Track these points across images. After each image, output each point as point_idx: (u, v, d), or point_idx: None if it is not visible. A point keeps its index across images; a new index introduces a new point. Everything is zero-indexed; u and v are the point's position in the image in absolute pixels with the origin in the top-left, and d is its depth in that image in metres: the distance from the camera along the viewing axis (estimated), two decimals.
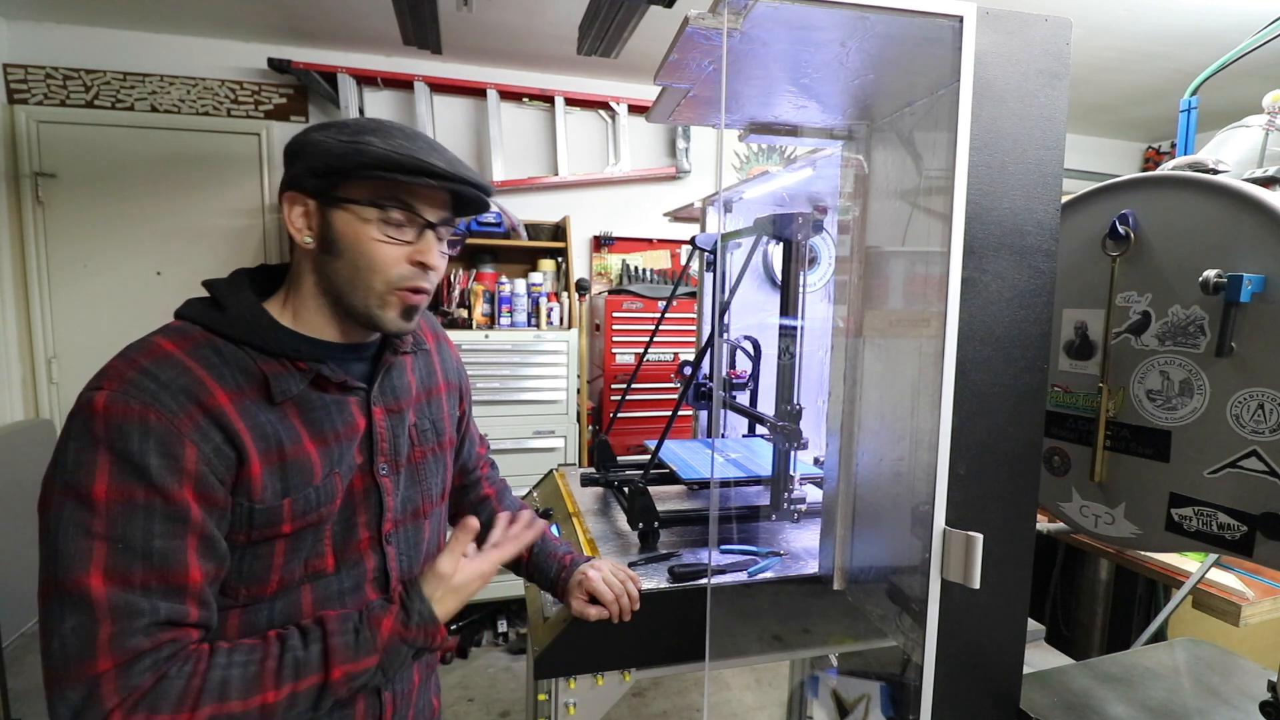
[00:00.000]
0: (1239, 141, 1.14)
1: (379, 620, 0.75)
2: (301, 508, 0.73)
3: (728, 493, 1.55)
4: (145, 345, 0.70)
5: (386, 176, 0.72)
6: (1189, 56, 2.99)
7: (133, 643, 0.62)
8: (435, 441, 0.92)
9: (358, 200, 0.73)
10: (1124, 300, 0.98)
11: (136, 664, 0.62)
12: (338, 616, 0.74)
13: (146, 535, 0.64)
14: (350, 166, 0.71)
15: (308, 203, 0.75)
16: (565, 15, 2.71)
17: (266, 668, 0.68)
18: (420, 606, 0.77)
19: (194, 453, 0.66)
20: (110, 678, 0.61)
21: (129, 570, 0.63)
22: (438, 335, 1.00)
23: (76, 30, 2.92)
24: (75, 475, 0.63)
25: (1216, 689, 1.01)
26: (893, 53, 0.82)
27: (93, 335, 3.02)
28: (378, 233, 0.74)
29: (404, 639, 0.75)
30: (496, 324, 3.03)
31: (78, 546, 0.62)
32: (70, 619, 0.61)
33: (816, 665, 1.81)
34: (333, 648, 0.71)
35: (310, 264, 0.78)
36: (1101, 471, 1.01)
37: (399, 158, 0.71)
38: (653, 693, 2.61)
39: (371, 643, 0.73)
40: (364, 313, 0.77)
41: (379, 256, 0.75)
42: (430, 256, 0.77)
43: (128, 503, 0.63)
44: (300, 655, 0.70)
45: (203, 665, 0.66)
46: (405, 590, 0.78)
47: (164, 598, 0.64)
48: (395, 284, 0.76)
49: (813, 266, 1.70)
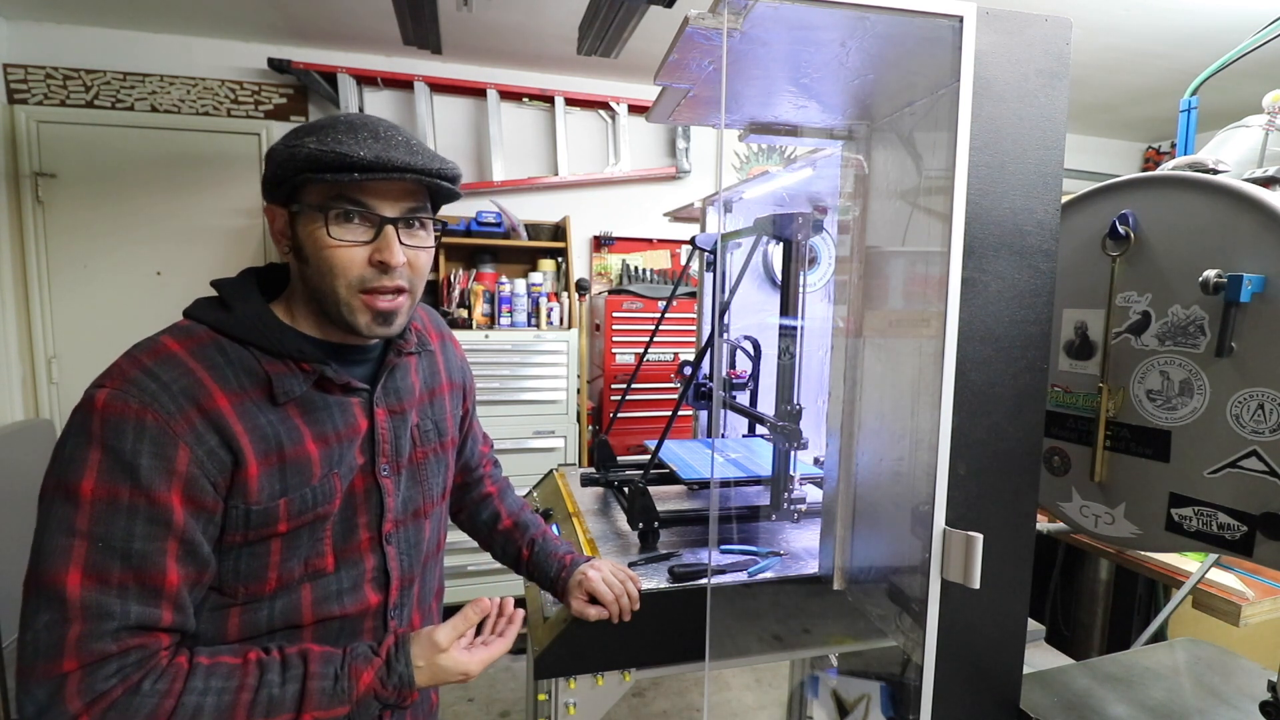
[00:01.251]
0: (1239, 141, 1.14)
1: (360, 672, 0.74)
2: (298, 507, 0.73)
3: (728, 493, 1.55)
4: (151, 344, 0.70)
5: (315, 177, 0.70)
6: (1189, 56, 2.99)
7: (99, 646, 0.62)
8: (437, 442, 0.92)
9: (310, 205, 0.73)
10: (1124, 300, 0.98)
11: (101, 669, 0.62)
12: (321, 656, 0.73)
13: (127, 536, 0.64)
14: (288, 173, 0.71)
15: (280, 212, 0.76)
16: (565, 15, 2.71)
17: (240, 700, 0.68)
18: (403, 670, 0.76)
19: (186, 455, 0.66)
20: (74, 679, 0.61)
21: (106, 569, 0.63)
22: (443, 334, 1.00)
23: (76, 30, 2.92)
24: (67, 471, 0.64)
25: (1216, 689, 1.01)
26: (893, 53, 0.82)
27: (93, 335, 3.02)
28: (330, 236, 0.72)
29: (377, 695, 0.74)
30: (496, 324, 3.03)
31: (59, 543, 0.63)
32: (44, 614, 0.62)
33: (816, 665, 1.81)
34: (309, 691, 0.70)
35: (295, 270, 0.78)
36: (1101, 471, 1.01)
37: (320, 154, 0.69)
38: (653, 693, 2.61)
39: (347, 694, 0.72)
40: (338, 318, 0.76)
41: (335, 260, 0.73)
42: (389, 254, 0.73)
43: (112, 502, 0.64)
44: (275, 694, 0.69)
45: (178, 685, 0.65)
46: (394, 648, 0.77)
47: (138, 600, 0.64)
48: (357, 286, 0.74)
49: (813, 266, 1.70)
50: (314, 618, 0.77)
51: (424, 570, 0.90)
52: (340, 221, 0.72)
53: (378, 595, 0.82)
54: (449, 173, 0.77)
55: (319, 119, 0.75)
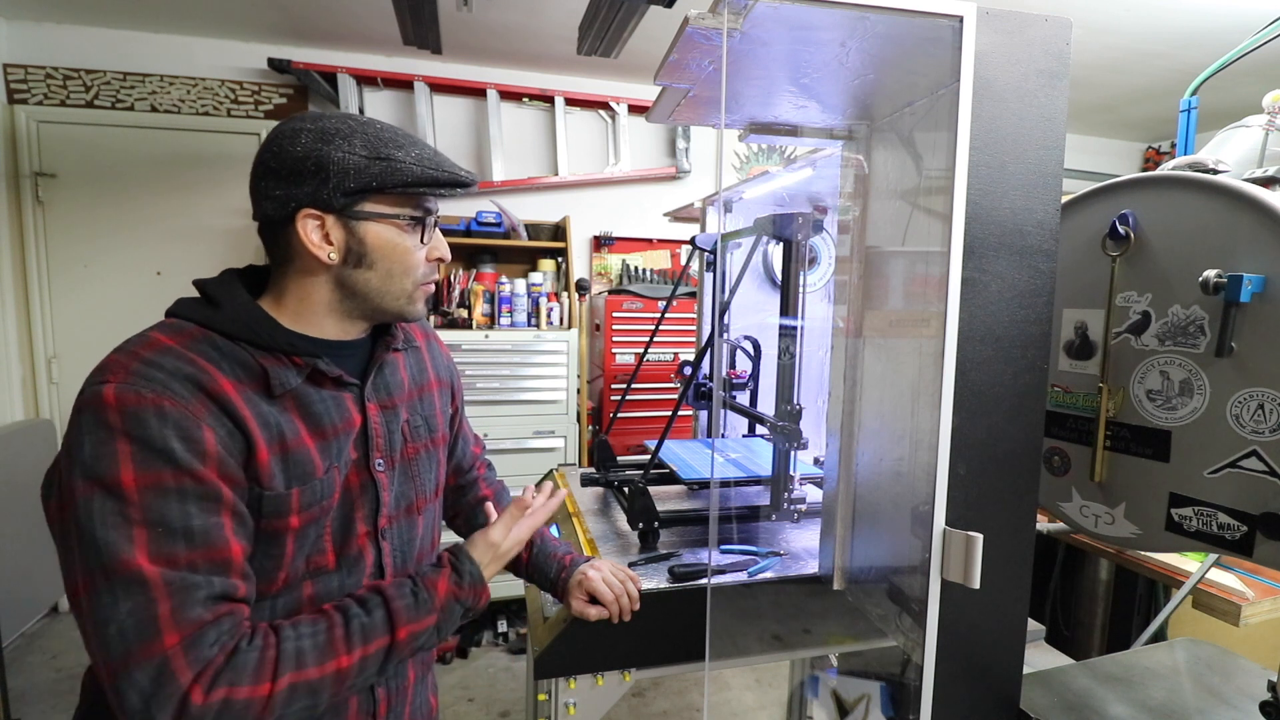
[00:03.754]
0: (1239, 141, 1.14)
1: (434, 582, 0.79)
2: (308, 499, 0.74)
3: (728, 493, 1.55)
4: (143, 340, 0.70)
5: (428, 192, 0.77)
6: (1189, 56, 2.99)
7: (195, 614, 0.62)
8: (428, 438, 0.92)
9: (390, 214, 0.77)
10: (1124, 300, 0.98)
11: (203, 636, 0.62)
12: (393, 584, 0.78)
13: (184, 515, 0.64)
14: (389, 185, 0.74)
15: (324, 218, 0.74)
16: (565, 15, 2.71)
17: (335, 635, 0.70)
18: (470, 568, 0.82)
19: (211, 436, 0.66)
20: (179, 652, 0.61)
21: (173, 552, 0.63)
22: (427, 334, 1.01)
23: (76, 30, 2.92)
24: (98, 467, 0.62)
25: (1216, 689, 1.01)
26: (893, 53, 0.82)
27: (93, 335, 3.03)
28: (410, 240, 0.79)
29: (457, 598, 0.80)
30: (496, 324, 3.03)
31: (119, 534, 0.61)
32: (125, 602, 0.60)
33: (816, 665, 1.81)
34: (395, 610, 0.75)
35: (329, 276, 0.77)
36: (1101, 471, 1.01)
37: (436, 174, 0.76)
38: (653, 693, 2.61)
39: (430, 603, 0.77)
40: (396, 313, 0.82)
41: (412, 261, 0.80)
42: (444, 251, 0.84)
43: (158, 487, 0.63)
44: (365, 621, 0.73)
45: (273, 638, 0.67)
46: (454, 554, 0.83)
47: (212, 573, 0.65)
48: (420, 281, 0.82)
49: (813, 266, 1.70)
50: None
51: (418, 568, 0.90)
52: (418, 228, 0.80)
53: None
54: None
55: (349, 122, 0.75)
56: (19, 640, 2.72)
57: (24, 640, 2.73)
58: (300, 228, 0.73)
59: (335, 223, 0.74)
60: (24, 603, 2.71)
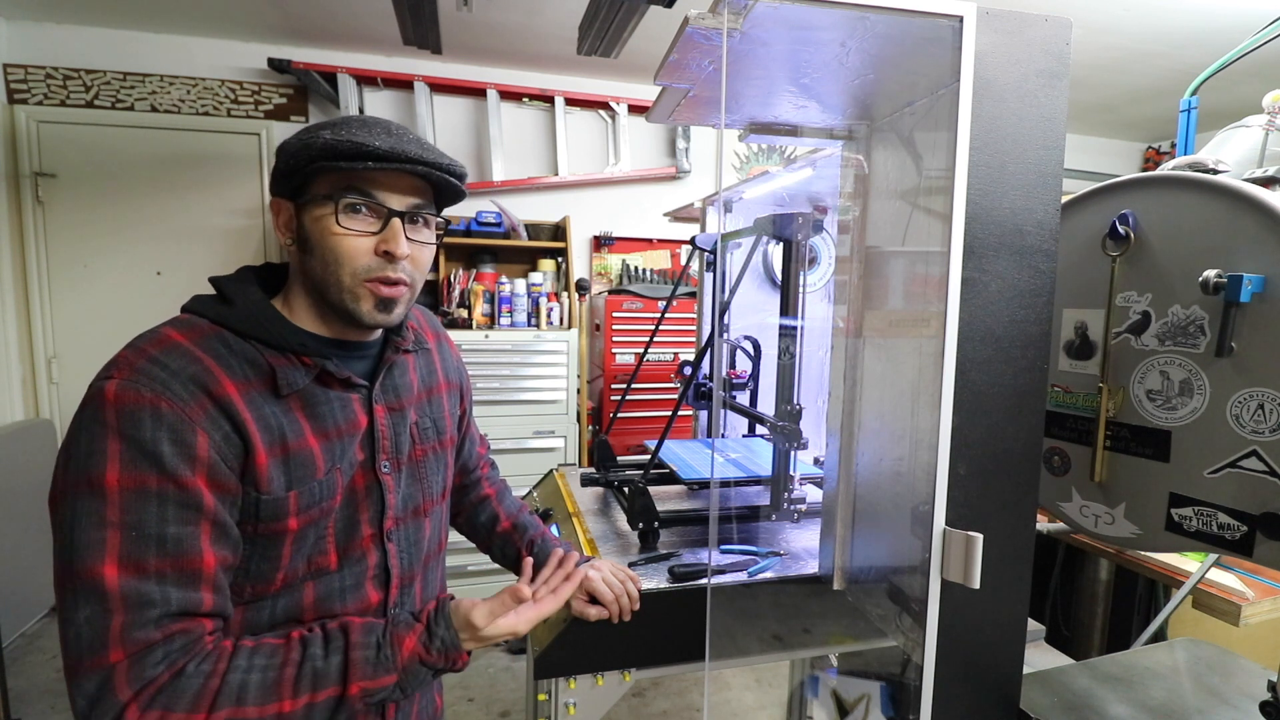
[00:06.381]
0: (1239, 141, 1.14)
1: (401, 639, 0.75)
2: (306, 501, 0.74)
3: (728, 493, 1.55)
4: (154, 335, 0.70)
5: (329, 165, 0.71)
6: (1189, 56, 2.99)
7: (143, 634, 0.62)
8: (436, 440, 0.92)
9: (320, 195, 0.74)
10: (1124, 300, 0.98)
11: (148, 656, 0.63)
12: (362, 627, 0.74)
13: (160, 522, 0.64)
14: (302, 162, 0.72)
15: (286, 205, 0.77)
16: (565, 15, 2.71)
17: (285, 675, 0.68)
18: (444, 634, 0.77)
19: (205, 440, 0.66)
20: (123, 669, 0.62)
21: (143, 557, 0.63)
22: (438, 334, 1.01)
23: (76, 30, 2.92)
24: (87, 464, 0.63)
25: (1216, 689, 1.01)
26: (893, 53, 0.82)
27: (93, 335, 3.03)
28: (338, 225, 0.74)
29: (423, 661, 0.75)
30: (496, 324, 3.03)
31: (92, 536, 0.62)
32: (84, 608, 0.62)
33: (816, 665, 1.81)
34: (353, 661, 0.71)
35: (296, 264, 0.79)
36: (1101, 471, 1.01)
37: (336, 143, 0.70)
38: (653, 693, 2.61)
39: (392, 661, 0.73)
40: (340, 307, 0.76)
41: (342, 249, 0.74)
42: (395, 245, 0.75)
43: (140, 490, 0.63)
44: (320, 666, 0.70)
45: (222, 665, 0.66)
46: (434, 613, 0.78)
47: (177, 585, 0.65)
48: (362, 275, 0.75)
49: (813, 266, 1.70)
50: (315, 615, 0.77)
51: (425, 570, 0.90)
52: (349, 212, 0.74)
53: (378, 593, 0.82)
54: (457, 169, 0.80)
55: (332, 118, 0.77)
56: (19, 640, 2.72)
57: (24, 640, 2.73)
58: (272, 215, 0.78)
59: (288, 208, 0.77)
60: (24, 603, 2.71)
